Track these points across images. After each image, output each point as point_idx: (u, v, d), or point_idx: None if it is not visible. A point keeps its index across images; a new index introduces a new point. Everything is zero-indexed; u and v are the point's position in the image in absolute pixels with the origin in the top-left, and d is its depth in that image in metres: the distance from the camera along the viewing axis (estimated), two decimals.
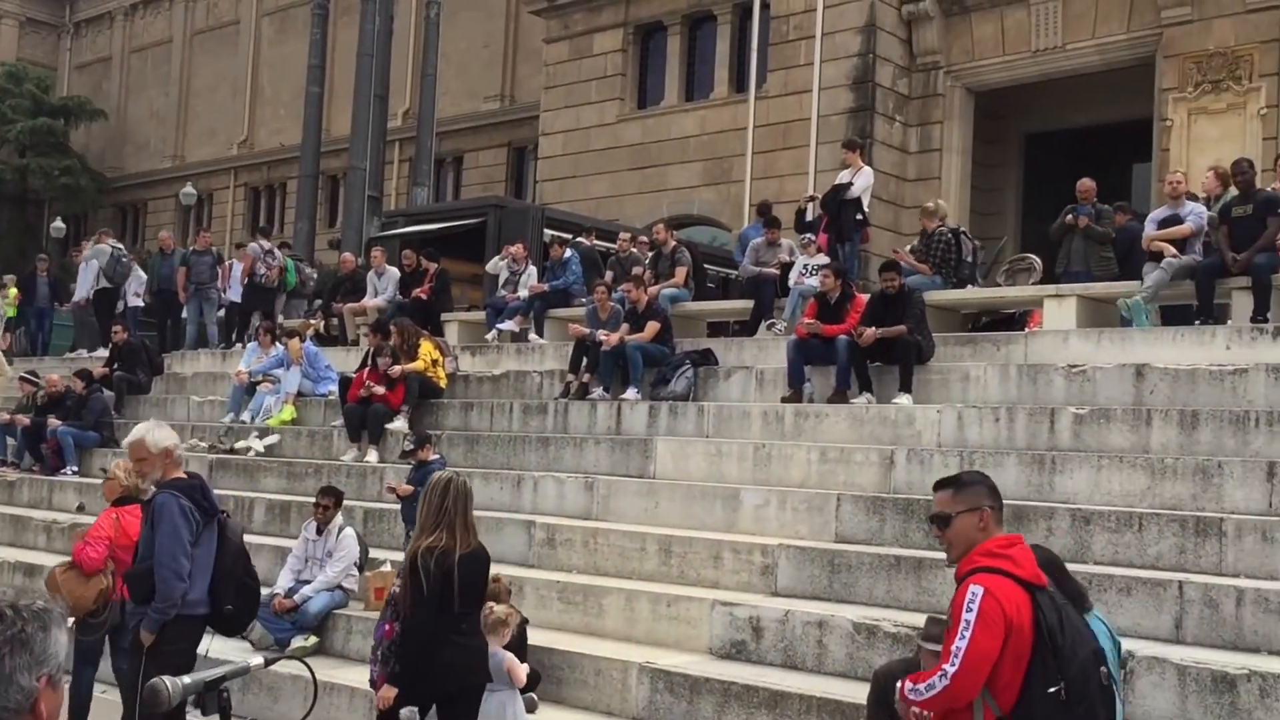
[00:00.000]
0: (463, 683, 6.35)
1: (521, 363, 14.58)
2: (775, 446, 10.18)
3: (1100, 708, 3.95)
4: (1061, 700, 3.85)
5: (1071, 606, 4.09)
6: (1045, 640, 3.88)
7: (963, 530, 4.15)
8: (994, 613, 3.87)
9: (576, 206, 24.38)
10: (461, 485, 6.38)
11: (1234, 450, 8.31)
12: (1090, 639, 4.04)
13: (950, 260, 12.99)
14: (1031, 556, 4.09)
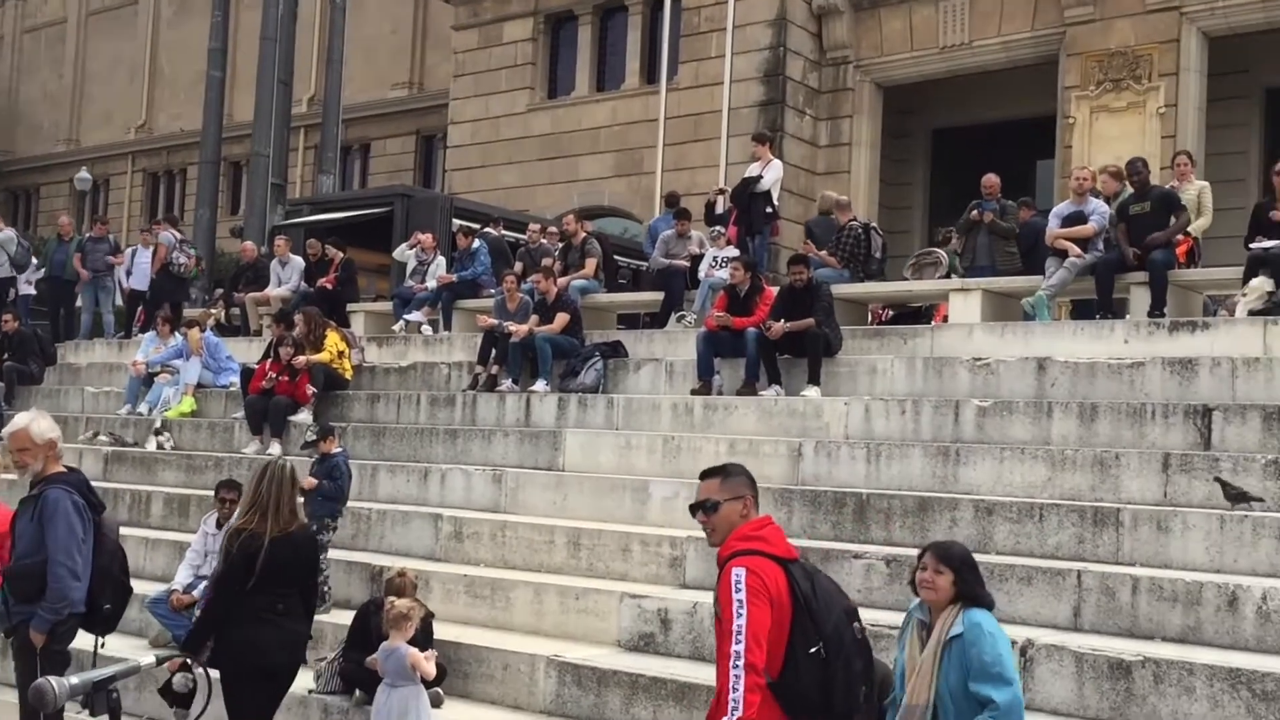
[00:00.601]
0: (266, 662, 6.25)
1: (429, 354, 14.42)
2: (684, 439, 10.18)
3: (856, 659, 4.34)
4: (822, 658, 4.23)
5: (822, 574, 4.49)
6: (802, 607, 4.23)
7: (727, 515, 4.46)
8: (759, 587, 4.20)
9: (486, 196, 24.19)
10: (280, 470, 6.43)
11: (1131, 442, 8.50)
12: (841, 599, 4.42)
13: (859, 254, 13.11)
14: (781, 534, 4.46)
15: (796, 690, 4.22)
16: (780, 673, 4.22)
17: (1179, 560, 7.22)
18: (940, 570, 4.84)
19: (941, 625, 4.78)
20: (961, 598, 4.82)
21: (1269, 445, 8.01)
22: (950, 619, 4.78)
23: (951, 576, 4.83)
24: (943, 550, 4.93)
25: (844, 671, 4.28)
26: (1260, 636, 6.43)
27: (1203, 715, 6.02)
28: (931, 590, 4.84)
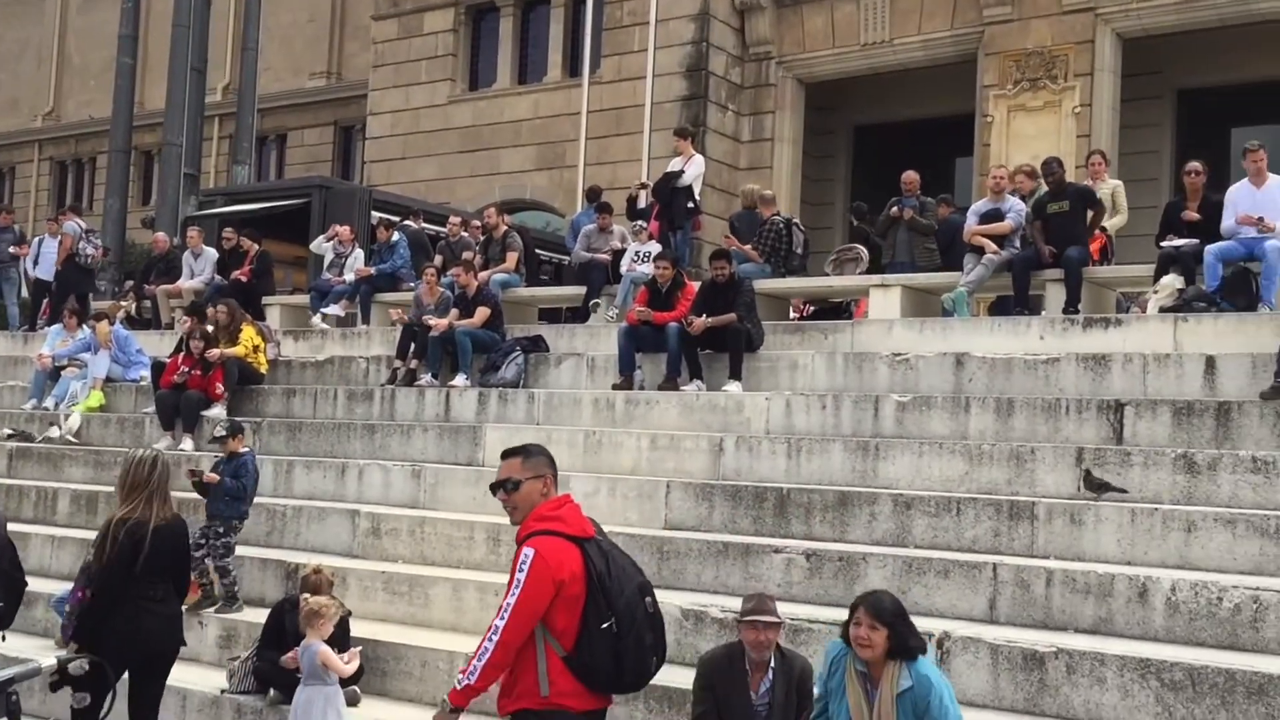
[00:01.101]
0: (152, 648, 6.50)
1: (347, 348, 14.21)
2: (606, 434, 10.14)
3: (647, 633, 4.54)
4: (614, 633, 4.44)
5: (618, 551, 4.64)
6: (596, 584, 4.44)
7: (528, 494, 4.67)
8: (542, 571, 4.41)
9: (406, 189, 23.92)
10: (162, 459, 6.63)
11: (1046, 436, 8.62)
12: (636, 576, 4.60)
13: (781, 250, 13.16)
14: (579, 514, 4.63)
15: (590, 663, 4.45)
16: (574, 646, 4.45)
17: (1092, 553, 7.34)
18: (875, 627, 5.11)
19: (889, 680, 5.09)
20: (896, 651, 5.12)
21: (1178, 440, 8.17)
22: (895, 673, 5.10)
23: (886, 632, 5.11)
24: (876, 607, 5.16)
25: (635, 645, 4.49)
26: (1169, 627, 6.55)
27: (1114, 705, 6.11)
28: (869, 648, 5.11)
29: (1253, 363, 8.58)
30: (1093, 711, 6.16)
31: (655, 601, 4.63)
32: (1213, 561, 6.99)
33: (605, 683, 4.52)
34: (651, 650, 4.58)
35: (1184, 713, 5.94)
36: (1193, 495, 7.59)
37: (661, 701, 6.77)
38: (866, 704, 5.16)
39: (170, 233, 19.70)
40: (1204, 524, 7.09)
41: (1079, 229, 11.29)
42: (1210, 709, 5.87)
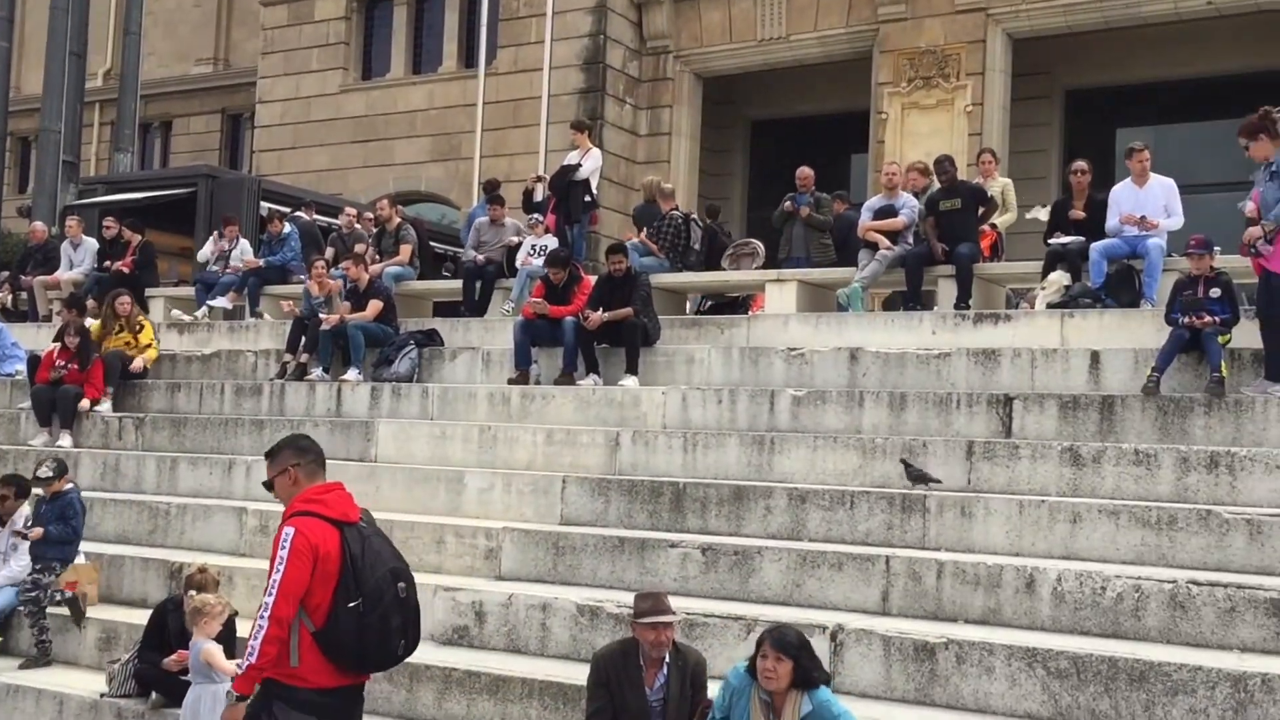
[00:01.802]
0: None
1: (234, 342, 13.90)
2: (501, 429, 10.03)
3: (395, 616, 4.77)
4: (360, 612, 4.68)
5: (381, 538, 4.89)
6: (348, 565, 4.70)
7: (281, 489, 4.98)
8: (303, 547, 4.66)
9: (297, 179, 23.43)
10: None
11: (937, 430, 8.74)
12: (392, 562, 4.84)
13: (679, 245, 13.15)
14: (344, 499, 4.90)
15: (335, 639, 4.71)
16: (324, 623, 4.72)
17: (981, 544, 7.45)
18: (781, 659, 5.36)
19: (791, 706, 5.35)
20: (800, 682, 5.37)
21: (1064, 433, 8.34)
22: (797, 701, 5.35)
23: (791, 665, 5.35)
24: (781, 641, 5.42)
25: (379, 626, 4.72)
26: (1055, 617, 6.68)
27: (1001, 694, 6.21)
28: (774, 680, 5.36)
29: (1135, 358, 8.79)
30: (981, 700, 6.25)
31: (410, 587, 4.87)
32: (1097, 552, 7.14)
33: (350, 660, 4.76)
34: (399, 632, 4.80)
35: (1069, 700, 6.05)
36: (1078, 487, 7.75)
37: (556, 699, 6.72)
38: None
39: (48, 222, 19.07)
40: (1089, 515, 7.24)
41: (970, 226, 11.48)
42: (1094, 696, 6.00)
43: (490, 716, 6.91)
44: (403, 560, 4.94)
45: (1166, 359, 8.41)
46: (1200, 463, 7.48)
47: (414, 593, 4.90)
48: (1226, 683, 5.75)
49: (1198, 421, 8.06)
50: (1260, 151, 8.33)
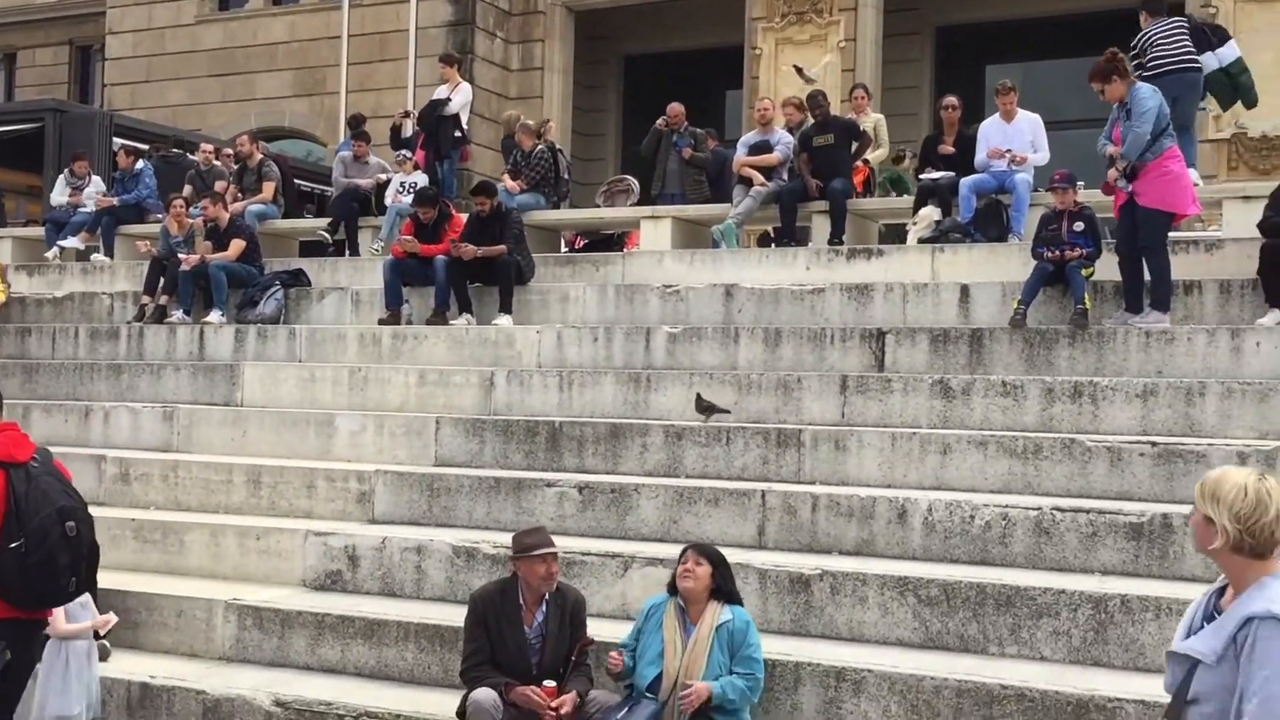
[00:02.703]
0: None
1: (88, 284, 13.34)
2: (372, 370, 9.81)
3: (62, 555, 4.82)
4: (21, 553, 4.74)
5: (51, 479, 4.95)
6: (12, 507, 4.75)
7: None
8: None
9: (152, 114, 22.44)
10: None
11: (812, 365, 8.80)
12: (61, 500, 4.87)
13: (550, 178, 12.95)
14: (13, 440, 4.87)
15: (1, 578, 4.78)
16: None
17: (855, 477, 7.54)
18: (700, 562, 5.59)
19: (710, 614, 5.58)
20: (718, 592, 5.61)
21: (935, 366, 8.47)
22: (716, 609, 5.59)
23: (710, 569, 5.58)
24: (701, 547, 5.77)
25: (45, 565, 4.78)
26: (926, 546, 6.80)
27: (875, 622, 6.31)
28: (692, 578, 5.56)
29: (1003, 291, 8.95)
30: (855, 630, 6.34)
31: (79, 526, 4.91)
32: (966, 482, 7.29)
33: (17, 597, 4.85)
34: (67, 571, 4.86)
35: (939, 626, 6.18)
36: (948, 419, 7.89)
37: (433, 641, 6.63)
38: (682, 636, 5.55)
39: None
40: (958, 446, 7.37)
41: (843, 162, 11.52)
42: (962, 622, 6.13)
43: (366, 661, 6.79)
44: (75, 499, 4.99)
45: (1031, 292, 8.58)
46: (1064, 393, 7.67)
47: (88, 530, 4.96)
48: (1088, 605, 5.92)
49: (1062, 353, 8.26)
50: (1114, 93, 8.52)
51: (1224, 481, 3.32)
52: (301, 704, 6.35)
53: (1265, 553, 3.28)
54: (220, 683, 6.67)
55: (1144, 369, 8.00)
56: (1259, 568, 3.29)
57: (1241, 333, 7.94)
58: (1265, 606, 3.18)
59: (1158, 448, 6.96)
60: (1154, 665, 5.76)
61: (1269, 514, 3.26)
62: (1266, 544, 3.27)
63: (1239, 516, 3.26)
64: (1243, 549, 3.27)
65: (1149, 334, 8.10)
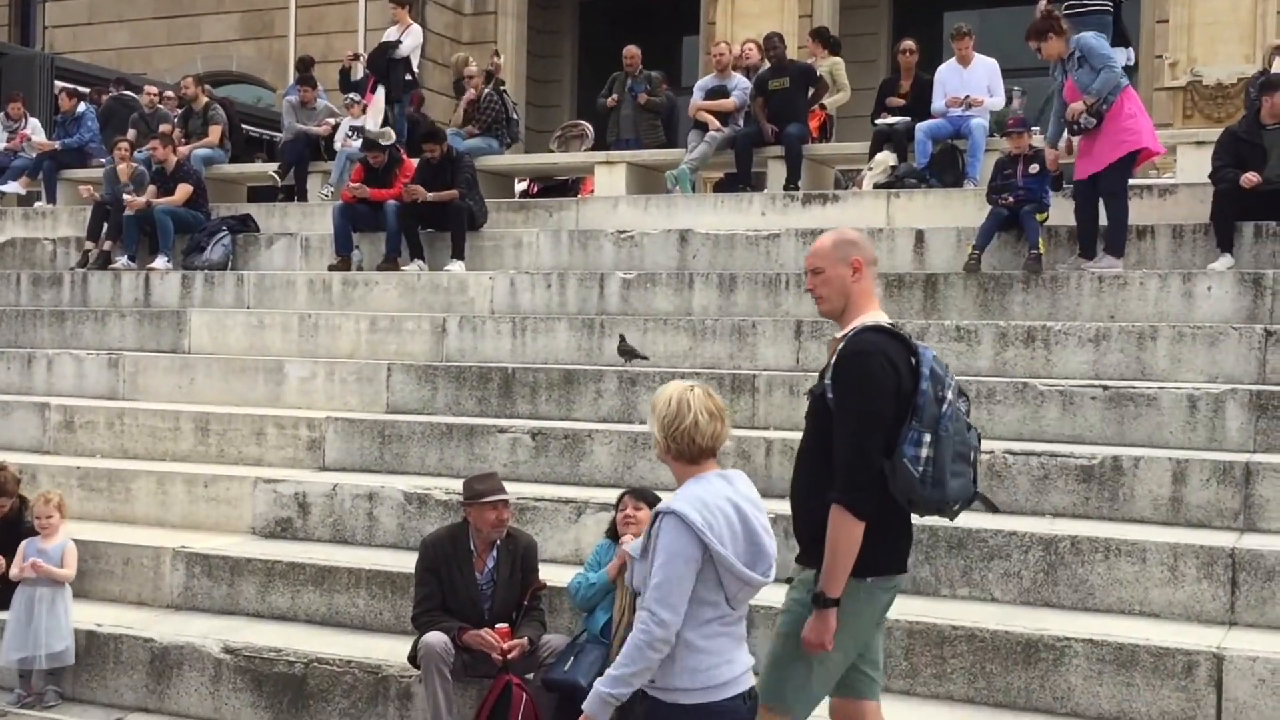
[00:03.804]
0: None
1: (30, 229, 13.06)
2: (322, 316, 9.68)
3: None
4: None
5: None
6: None
7: None
8: None
9: (95, 58, 21.90)
10: None
11: (767, 311, 8.76)
12: None
13: (501, 120, 12.76)
14: None
15: None
16: None
17: None
18: (639, 507, 5.57)
19: None
20: None
21: (890, 310, 8.21)
22: None
23: (649, 513, 5.38)
24: (638, 492, 5.71)
25: None
26: None
27: None
28: (635, 525, 5.51)
29: (958, 236, 8.94)
30: None
31: None
32: None
33: None
34: None
35: None
36: None
37: (384, 587, 6.58)
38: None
39: None
40: None
41: (799, 106, 11.42)
42: (914, 564, 6.07)
43: (317, 608, 6.73)
44: None
45: (986, 237, 8.57)
46: (1018, 337, 7.68)
47: None
48: (1039, 546, 5.95)
49: (1016, 298, 8.26)
50: (1052, 50, 8.51)
51: (659, 395, 3.75)
52: (251, 650, 6.29)
53: (691, 457, 3.67)
54: (169, 630, 6.59)
55: (1097, 313, 8.02)
56: (690, 471, 3.68)
57: (1193, 277, 7.97)
58: (667, 504, 3.58)
59: (1109, 391, 6.99)
60: (1103, 605, 5.82)
61: (686, 420, 3.63)
62: (688, 449, 3.65)
63: (664, 425, 3.67)
64: (671, 453, 3.68)
65: (1101, 279, 8.11)
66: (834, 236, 4.21)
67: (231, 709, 6.28)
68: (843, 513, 3.84)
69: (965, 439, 3.92)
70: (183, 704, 6.39)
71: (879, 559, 3.93)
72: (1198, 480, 6.23)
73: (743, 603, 3.67)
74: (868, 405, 3.83)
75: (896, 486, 3.83)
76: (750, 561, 3.61)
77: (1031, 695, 5.42)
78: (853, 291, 4.09)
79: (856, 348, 3.92)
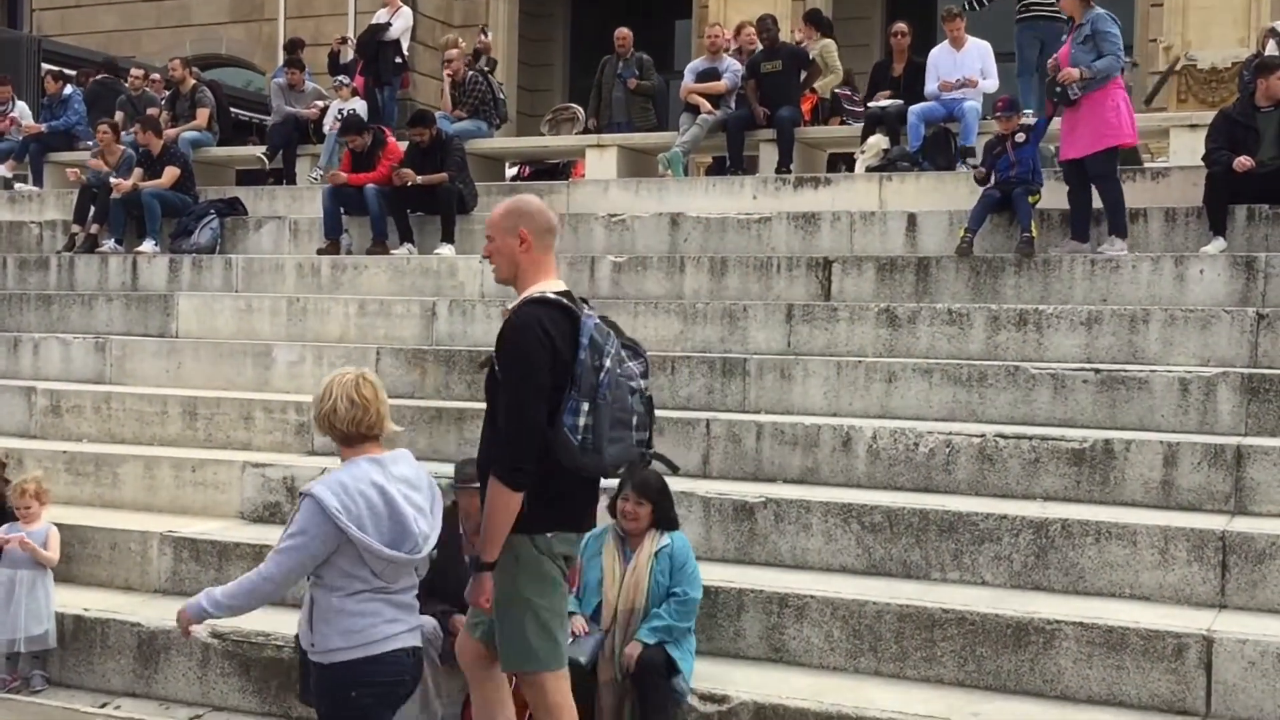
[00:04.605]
0: None
1: (16, 213, 12.97)
2: (311, 300, 9.62)
3: None
4: None
5: None
6: None
7: None
8: None
9: (83, 40, 21.73)
10: None
11: (758, 294, 8.72)
12: None
13: (488, 101, 12.70)
14: None
15: None
16: None
17: (800, 406, 7.50)
18: (641, 503, 5.46)
19: (649, 541, 5.46)
20: (659, 524, 5.51)
21: (881, 294, 8.42)
22: (656, 537, 5.49)
23: (650, 508, 5.48)
24: (643, 485, 5.45)
25: None
26: (870, 473, 6.78)
27: (818, 549, 6.30)
28: (634, 521, 5.47)
29: (950, 219, 8.90)
30: (799, 557, 6.32)
31: None
32: (911, 410, 7.26)
33: None
34: None
35: (882, 553, 6.17)
36: (894, 347, 7.85)
37: None
38: (621, 562, 5.46)
39: None
40: (904, 374, 7.34)
41: (791, 89, 11.38)
42: (905, 548, 6.13)
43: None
44: None
45: (978, 220, 8.54)
46: (1010, 321, 7.65)
47: None
48: (1030, 529, 5.93)
49: (1008, 281, 8.23)
50: (1069, 4, 8.46)
51: (322, 381, 3.95)
52: (239, 635, 6.25)
53: (344, 440, 3.89)
54: (156, 614, 6.55)
55: (1089, 297, 7.99)
56: (346, 454, 3.92)
57: (1186, 260, 7.95)
58: (309, 485, 3.82)
59: (1101, 374, 6.97)
60: (1093, 588, 5.81)
61: (325, 405, 3.85)
62: (331, 431, 3.89)
63: (314, 406, 3.93)
64: (324, 434, 3.93)
65: (1094, 262, 8.09)
66: (506, 206, 4.29)
67: (219, 693, 6.25)
68: (497, 484, 4.02)
69: (626, 405, 4.04)
70: (170, 689, 6.36)
71: (548, 517, 4.10)
72: (1189, 463, 6.21)
73: (398, 577, 3.89)
74: (525, 377, 3.97)
75: (559, 453, 3.97)
76: (394, 541, 3.81)
77: (1022, 678, 5.40)
78: (522, 262, 4.19)
79: (514, 321, 4.07)
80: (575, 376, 3.95)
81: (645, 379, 4.20)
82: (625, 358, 4.13)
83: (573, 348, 3.98)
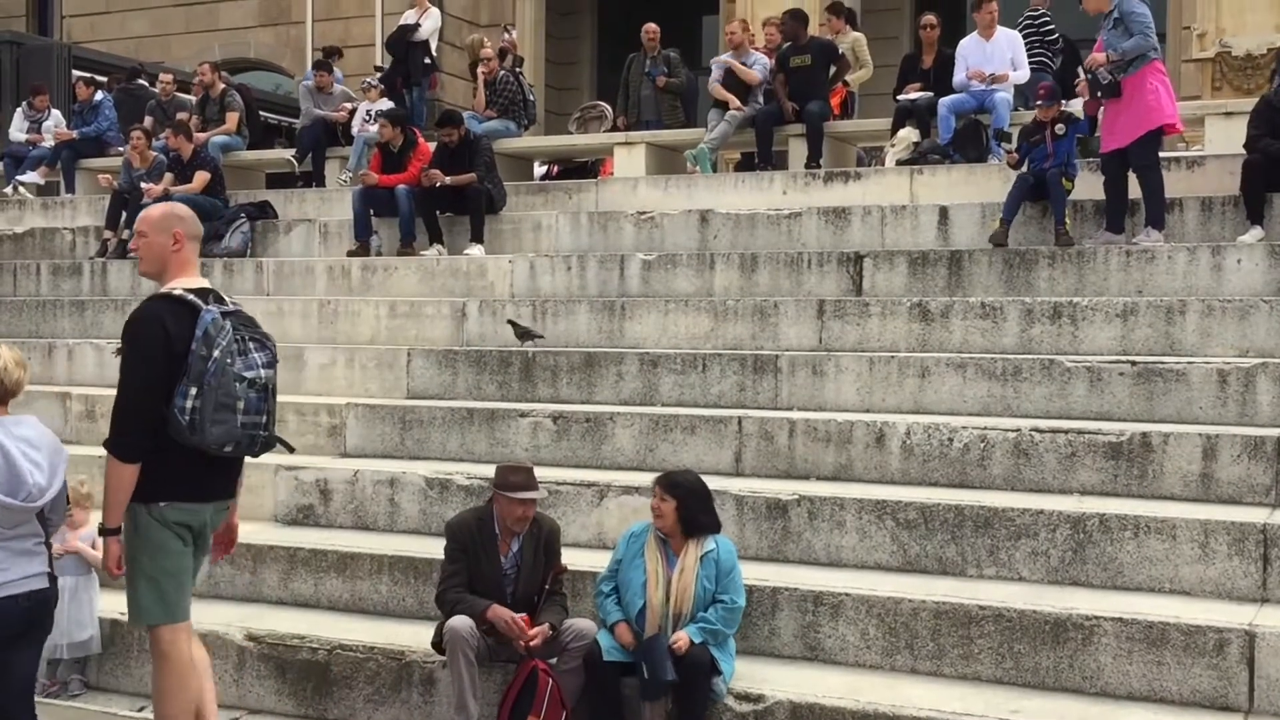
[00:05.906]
0: None
1: (49, 219, 13.10)
2: (342, 302, 9.65)
3: None
4: None
5: None
6: None
7: None
8: None
9: (113, 46, 21.96)
10: None
11: (789, 290, 8.67)
12: None
13: (518, 102, 12.70)
14: None
15: None
16: None
17: (833, 402, 7.45)
18: (665, 499, 5.46)
19: (694, 545, 5.48)
20: (692, 523, 5.48)
21: (914, 289, 8.35)
22: (701, 541, 5.49)
23: (675, 504, 5.45)
24: (669, 481, 5.54)
25: None
26: (904, 469, 6.72)
27: (853, 546, 6.25)
28: (660, 518, 5.48)
29: (982, 212, 8.82)
30: (833, 554, 6.28)
31: None
32: (945, 405, 7.20)
33: None
34: None
35: (917, 550, 6.12)
36: (927, 342, 7.78)
37: (407, 573, 6.55)
38: (665, 568, 5.46)
39: None
40: (937, 369, 7.28)
41: (820, 83, 11.30)
42: (941, 544, 6.07)
43: (339, 594, 6.70)
44: None
45: (1013, 208, 8.45)
46: (1044, 314, 7.57)
47: None
48: (1066, 524, 5.86)
49: (1042, 274, 8.14)
50: (1093, 4, 8.36)
51: None
52: (275, 638, 6.27)
53: None
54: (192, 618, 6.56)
55: (1124, 288, 7.90)
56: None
57: (1223, 250, 7.84)
58: None
59: (1137, 367, 6.88)
60: (1132, 583, 5.73)
61: None
62: None
63: None
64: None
65: (1129, 253, 7.99)
66: (163, 209, 4.85)
67: (255, 696, 6.26)
68: (110, 458, 4.49)
69: (231, 391, 4.47)
70: None
71: (163, 487, 4.53)
72: (1228, 456, 6.12)
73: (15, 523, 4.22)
74: (137, 364, 4.47)
75: (171, 431, 4.43)
76: (10, 490, 4.16)
77: (1060, 675, 5.34)
78: (171, 260, 4.68)
79: (137, 314, 4.56)
80: (187, 366, 4.41)
81: (269, 369, 4.61)
82: (251, 349, 4.56)
83: (189, 340, 4.42)
